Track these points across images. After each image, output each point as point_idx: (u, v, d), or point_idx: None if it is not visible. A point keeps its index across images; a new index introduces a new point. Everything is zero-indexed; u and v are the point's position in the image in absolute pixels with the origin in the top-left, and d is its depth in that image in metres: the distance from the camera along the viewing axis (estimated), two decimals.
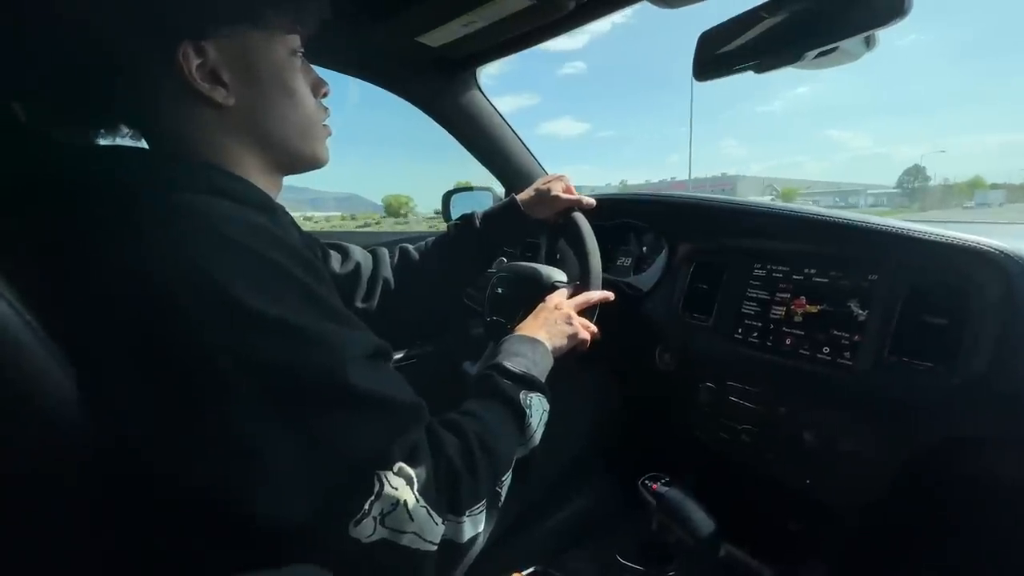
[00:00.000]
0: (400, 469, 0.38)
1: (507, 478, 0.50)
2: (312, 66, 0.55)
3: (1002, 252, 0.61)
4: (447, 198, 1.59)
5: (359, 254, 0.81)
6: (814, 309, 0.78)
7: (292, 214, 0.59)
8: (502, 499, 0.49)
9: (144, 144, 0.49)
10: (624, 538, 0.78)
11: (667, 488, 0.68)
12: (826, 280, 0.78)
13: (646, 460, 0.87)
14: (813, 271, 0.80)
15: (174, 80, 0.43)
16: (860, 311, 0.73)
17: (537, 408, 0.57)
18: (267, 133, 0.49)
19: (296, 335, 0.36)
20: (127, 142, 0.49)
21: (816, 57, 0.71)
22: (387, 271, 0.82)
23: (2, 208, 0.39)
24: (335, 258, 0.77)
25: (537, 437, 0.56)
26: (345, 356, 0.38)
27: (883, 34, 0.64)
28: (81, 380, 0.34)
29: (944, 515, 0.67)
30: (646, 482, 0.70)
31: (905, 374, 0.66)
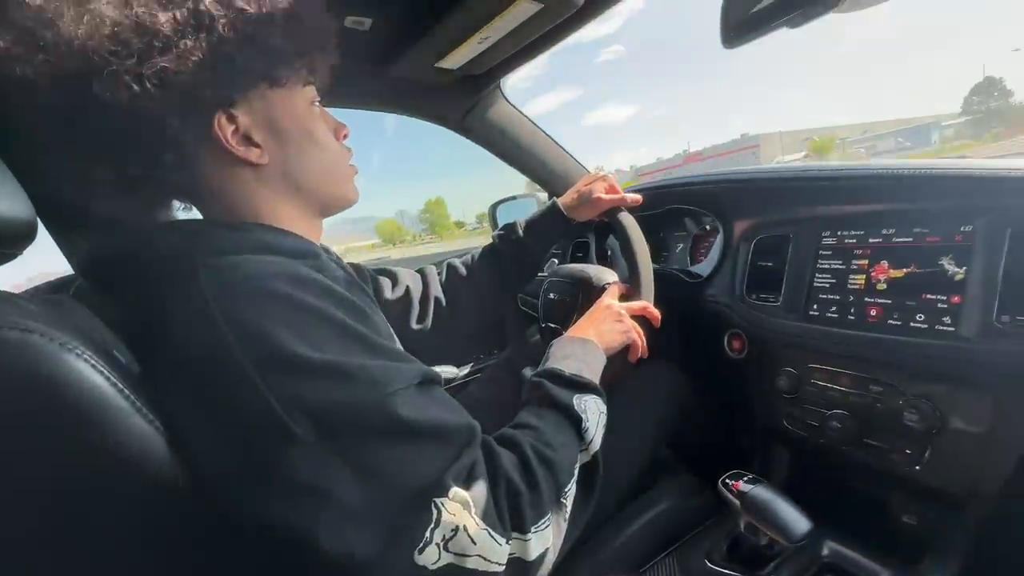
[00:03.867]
0: (456, 494, 0.39)
1: (571, 488, 0.49)
2: (345, 108, 0.58)
3: None
4: (493, 209, 1.61)
5: (408, 277, 0.84)
6: (899, 273, 0.70)
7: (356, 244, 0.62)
8: (568, 511, 0.48)
9: (196, 213, 0.54)
10: (712, 540, 0.73)
11: (751, 486, 0.64)
12: (910, 239, 0.70)
13: (728, 455, 0.82)
14: (892, 231, 0.72)
15: (214, 149, 0.47)
16: (956, 268, 0.64)
17: (593, 411, 0.56)
18: (300, 182, 0.52)
19: (344, 376, 0.38)
20: (180, 215, 0.55)
21: None
22: (437, 290, 0.84)
23: (92, 288, 0.45)
24: (385, 284, 0.81)
25: (597, 441, 0.55)
26: (392, 389, 0.40)
27: None
28: (169, 435, 0.39)
29: None
30: (727, 481, 0.65)
31: (1021, 336, 0.57)
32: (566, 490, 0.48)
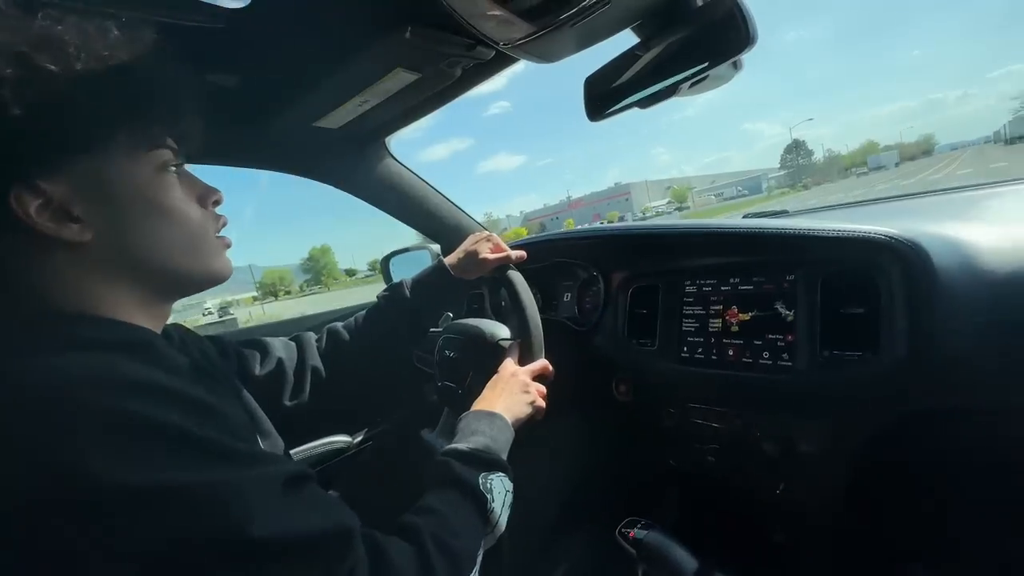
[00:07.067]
0: None
1: (474, 575, 0.47)
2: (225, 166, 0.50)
3: (895, 239, 0.64)
4: (386, 261, 1.56)
5: (280, 348, 0.75)
6: (746, 316, 0.81)
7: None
8: None
9: None
10: None
11: (645, 532, 0.66)
12: (751, 287, 0.81)
13: (626, 499, 0.85)
14: (737, 280, 0.83)
15: (12, 227, 0.38)
16: (787, 311, 0.76)
17: (499, 491, 0.54)
18: (140, 261, 0.44)
19: (180, 500, 0.32)
20: None
21: (691, 87, 0.76)
22: (315, 359, 0.77)
23: None
24: (253, 359, 0.72)
25: (503, 522, 0.53)
26: (245, 505, 0.34)
27: (770, 31, 0.67)
28: None
29: (912, 497, 0.68)
30: (623, 530, 0.67)
31: (839, 366, 0.68)
32: None
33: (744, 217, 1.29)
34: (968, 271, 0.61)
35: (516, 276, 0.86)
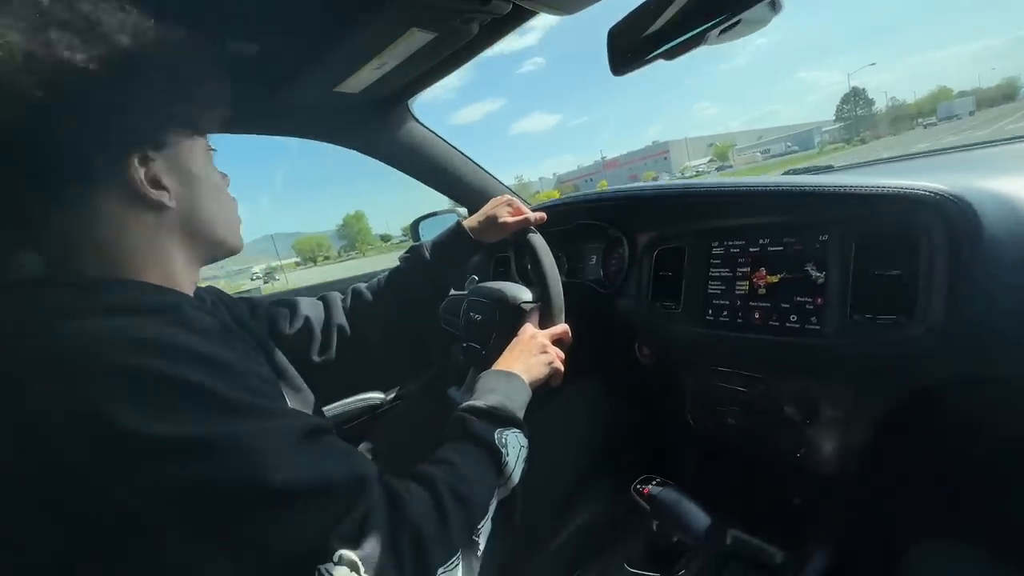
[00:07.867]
0: (342, 557, 0.36)
1: (485, 524, 0.49)
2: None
3: (939, 195, 0.59)
4: (416, 225, 1.59)
5: (307, 306, 0.79)
6: (775, 279, 0.78)
7: None
8: (481, 547, 0.48)
9: None
10: (631, 543, 0.77)
11: (660, 489, 0.68)
12: (780, 248, 0.78)
13: (646, 458, 0.86)
14: (767, 241, 0.80)
15: (121, 190, 0.45)
16: (818, 273, 0.72)
17: (514, 445, 0.56)
18: (200, 227, 0.52)
19: (203, 449, 0.35)
20: None
21: (721, 34, 0.71)
22: (340, 317, 0.80)
23: None
24: (283, 317, 0.76)
25: (516, 476, 0.55)
26: (264, 453, 0.36)
27: None
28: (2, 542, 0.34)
29: (934, 467, 0.66)
30: (637, 487, 0.69)
31: (871, 331, 0.65)
32: (479, 527, 0.48)
33: (785, 174, 1.22)
34: (1015, 229, 0.56)
35: (537, 240, 0.86)
